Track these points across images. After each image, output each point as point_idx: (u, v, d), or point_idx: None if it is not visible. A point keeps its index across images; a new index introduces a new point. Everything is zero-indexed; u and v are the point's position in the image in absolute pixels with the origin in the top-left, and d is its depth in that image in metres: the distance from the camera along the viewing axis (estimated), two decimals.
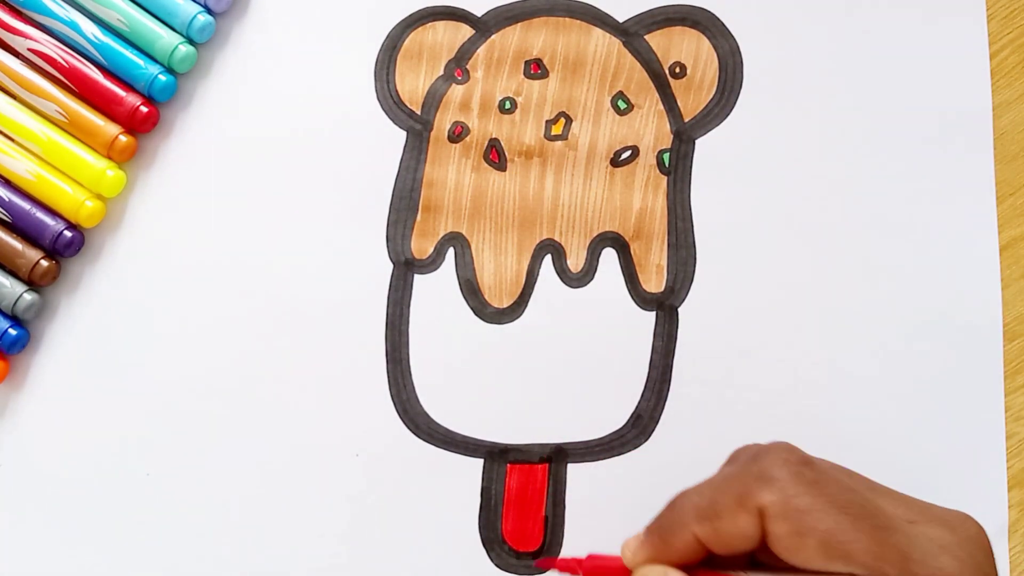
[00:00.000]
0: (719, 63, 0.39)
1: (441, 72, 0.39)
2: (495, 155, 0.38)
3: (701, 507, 0.28)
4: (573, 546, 0.36)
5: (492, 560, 0.36)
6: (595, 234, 0.38)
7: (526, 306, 0.37)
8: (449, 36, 0.39)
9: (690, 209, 0.38)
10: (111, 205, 0.38)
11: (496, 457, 0.36)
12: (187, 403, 0.37)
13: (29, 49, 0.38)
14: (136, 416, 0.37)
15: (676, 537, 0.28)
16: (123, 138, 0.37)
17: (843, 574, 0.25)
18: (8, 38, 0.38)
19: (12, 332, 0.36)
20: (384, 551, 0.36)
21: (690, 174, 0.38)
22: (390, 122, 0.39)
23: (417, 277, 0.38)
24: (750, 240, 0.37)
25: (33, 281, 0.37)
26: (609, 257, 0.38)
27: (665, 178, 0.38)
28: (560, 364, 0.37)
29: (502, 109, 0.38)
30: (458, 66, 0.39)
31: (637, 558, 0.29)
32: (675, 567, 0.28)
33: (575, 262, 0.37)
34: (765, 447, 0.28)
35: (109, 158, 0.38)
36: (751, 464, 0.27)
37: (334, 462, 0.36)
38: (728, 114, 0.38)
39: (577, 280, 0.37)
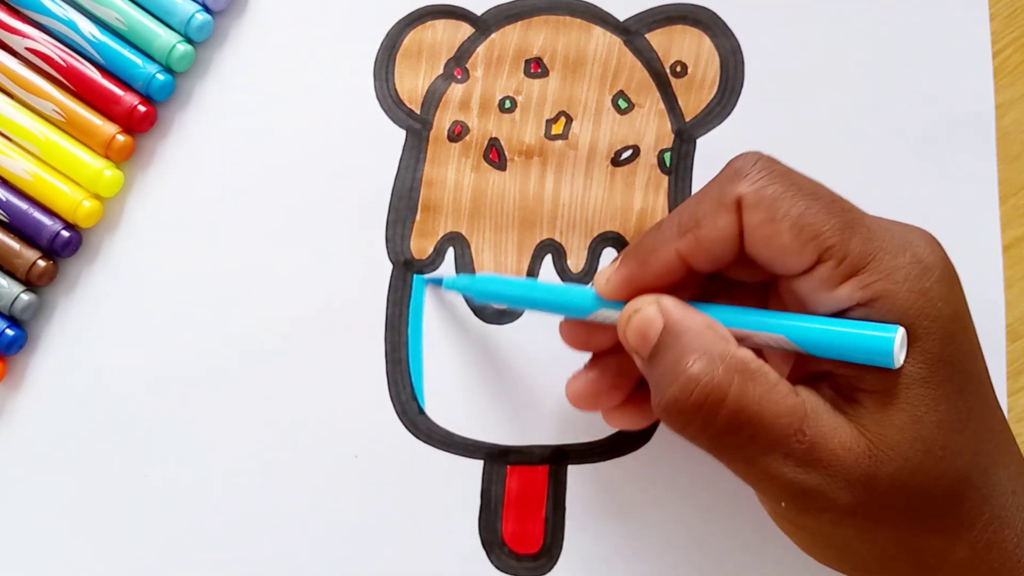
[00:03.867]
0: (720, 62, 0.38)
1: (441, 71, 0.39)
2: (495, 154, 0.38)
3: (682, 221, 0.28)
4: (573, 547, 0.36)
5: (492, 562, 0.36)
6: (596, 234, 0.37)
7: None
8: (449, 35, 0.39)
9: None
10: (109, 205, 0.38)
11: (496, 458, 0.36)
12: (185, 404, 0.37)
13: (27, 48, 0.38)
14: (133, 416, 0.37)
15: (655, 257, 0.28)
16: (121, 137, 0.37)
17: (810, 268, 0.26)
18: (6, 37, 0.38)
19: (9, 332, 0.36)
20: (384, 552, 0.36)
21: (691, 174, 0.38)
22: (389, 121, 0.38)
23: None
24: None
25: (30, 281, 0.37)
26: (610, 257, 0.37)
27: (666, 177, 0.38)
28: (560, 365, 0.37)
29: (502, 108, 0.38)
30: (458, 65, 0.39)
31: (611, 283, 0.29)
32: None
33: (575, 262, 0.37)
34: (734, 158, 0.28)
35: (107, 158, 0.37)
36: (724, 169, 0.28)
37: (333, 463, 0.36)
38: (729, 113, 0.38)
39: (577, 280, 0.37)
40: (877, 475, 0.25)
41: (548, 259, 0.37)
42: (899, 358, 0.25)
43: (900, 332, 0.25)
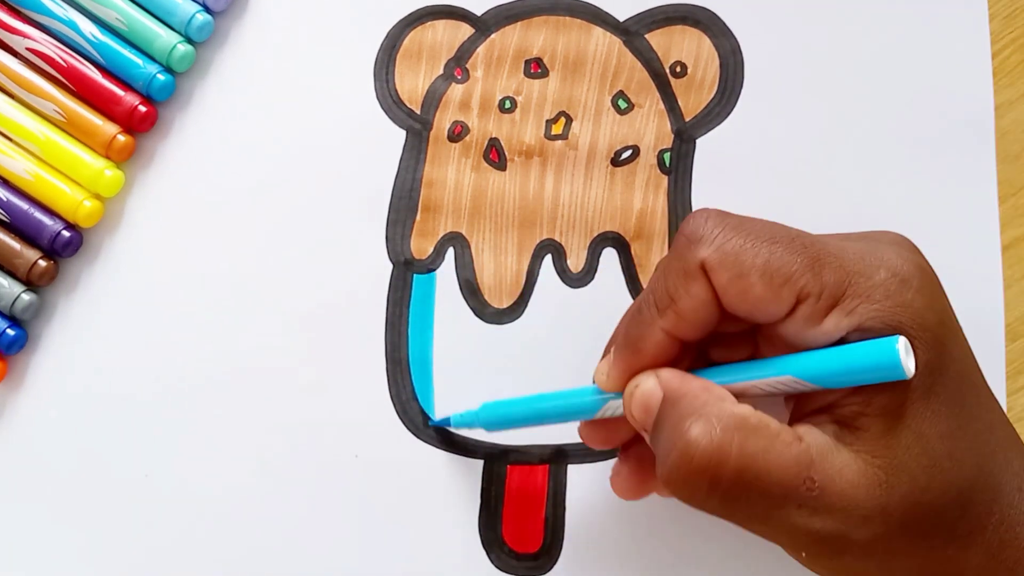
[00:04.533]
0: (720, 62, 0.38)
1: (441, 71, 0.39)
2: (495, 155, 0.38)
3: (658, 300, 0.28)
4: (573, 546, 0.36)
5: (492, 561, 0.36)
6: (595, 234, 0.38)
7: (526, 306, 0.37)
8: (449, 35, 0.39)
9: (691, 209, 0.38)
10: (109, 205, 0.38)
11: (496, 458, 0.36)
12: (186, 403, 0.37)
13: (27, 48, 0.38)
14: (134, 416, 0.37)
15: (645, 342, 0.28)
16: (121, 137, 0.37)
17: (791, 311, 0.26)
18: (6, 37, 0.38)
19: (10, 332, 0.36)
20: (384, 552, 0.36)
21: (691, 174, 0.38)
22: (389, 121, 0.38)
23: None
24: None
25: (31, 281, 0.37)
26: (609, 257, 0.37)
27: (666, 178, 0.38)
28: (560, 364, 0.37)
29: (502, 108, 0.38)
30: (458, 65, 0.39)
31: (612, 378, 0.29)
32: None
33: (575, 262, 0.37)
34: (684, 221, 0.28)
35: (107, 158, 0.38)
36: (678, 238, 0.28)
37: (334, 462, 0.36)
38: (729, 113, 0.38)
39: (577, 280, 0.37)
40: (890, 502, 0.25)
41: (548, 259, 0.37)
42: (908, 367, 0.25)
43: (902, 341, 0.25)
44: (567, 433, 0.36)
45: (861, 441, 0.26)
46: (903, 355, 0.25)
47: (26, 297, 0.37)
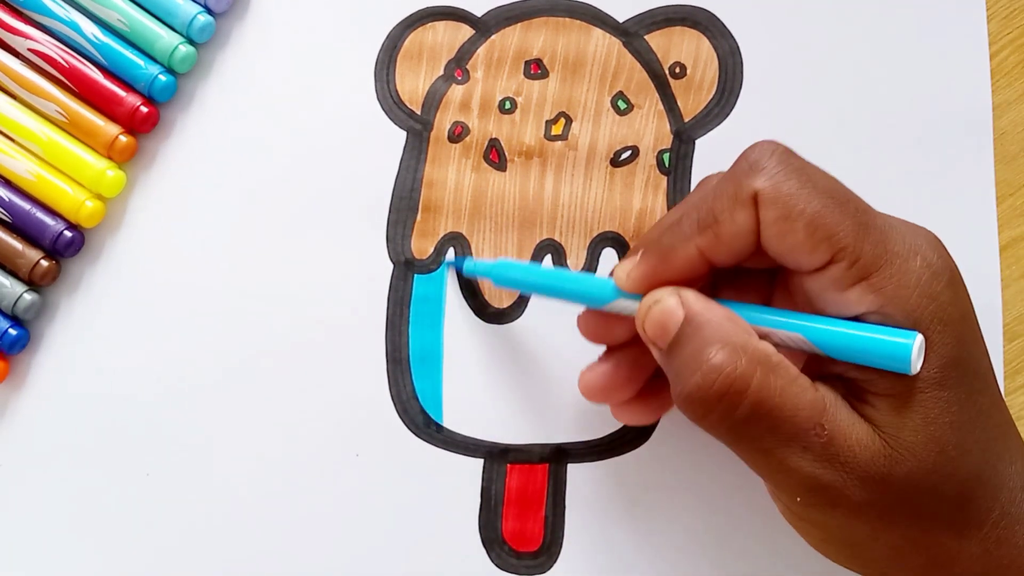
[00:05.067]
0: (719, 63, 0.39)
1: (441, 72, 0.39)
2: (495, 155, 0.38)
3: (701, 218, 0.28)
4: (573, 545, 0.36)
5: (492, 560, 0.36)
6: (595, 234, 0.38)
7: (526, 306, 0.37)
8: (449, 36, 0.39)
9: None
10: (111, 205, 0.38)
11: (496, 457, 0.36)
12: (186, 403, 0.37)
13: (29, 49, 0.38)
14: (135, 416, 0.37)
15: (676, 253, 0.28)
16: (123, 138, 0.37)
17: (822, 267, 0.26)
18: (8, 38, 0.38)
19: (12, 332, 0.36)
20: (384, 551, 0.36)
21: (690, 174, 0.38)
22: (390, 122, 0.39)
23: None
24: None
25: (33, 281, 0.37)
26: (609, 257, 0.38)
27: (665, 178, 0.38)
28: (560, 364, 0.37)
29: (502, 109, 0.38)
30: (458, 66, 0.39)
31: (632, 278, 0.29)
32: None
33: (575, 262, 0.37)
34: (749, 147, 0.28)
35: (109, 158, 0.38)
36: (740, 161, 0.28)
37: (334, 462, 0.36)
38: (728, 114, 0.38)
39: None
40: (892, 474, 0.26)
41: (548, 259, 0.38)
42: (916, 365, 0.25)
43: (919, 339, 0.25)
44: (568, 432, 0.37)
45: (869, 413, 0.26)
46: (915, 354, 0.25)
47: (28, 297, 0.37)
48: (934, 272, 0.26)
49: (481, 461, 0.36)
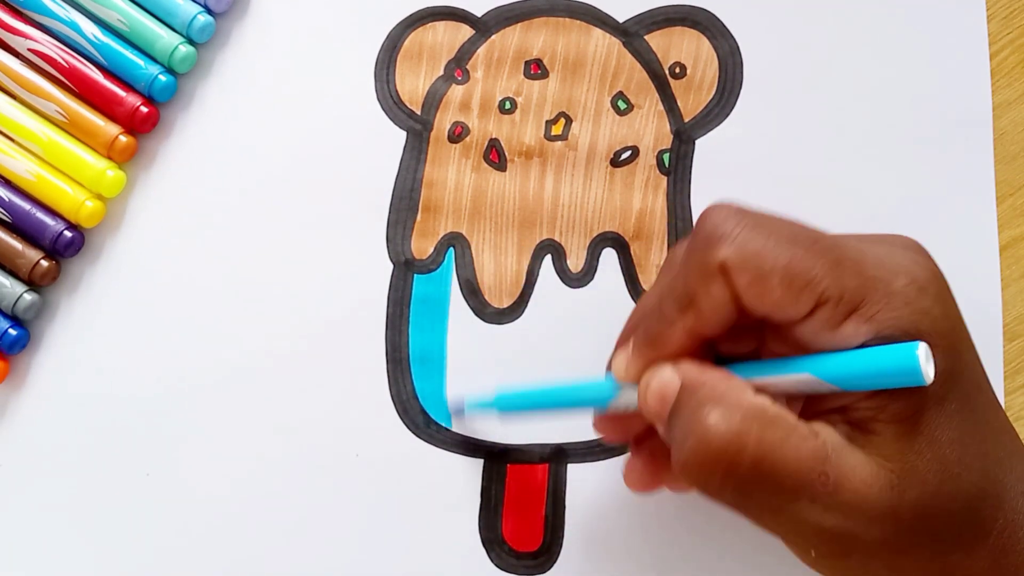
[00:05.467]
0: (719, 63, 0.39)
1: (441, 72, 0.39)
2: (495, 155, 0.38)
3: (678, 298, 0.28)
4: (573, 545, 0.36)
5: (492, 560, 0.36)
6: (595, 234, 0.38)
7: (526, 306, 0.37)
8: (449, 36, 0.39)
9: (690, 209, 0.38)
10: (111, 205, 0.38)
11: (496, 457, 0.36)
12: (187, 403, 0.37)
13: (29, 49, 0.38)
14: (135, 416, 0.37)
15: (665, 338, 0.28)
16: (123, 138, 0.38)
17: (808, 315, 0.26)
18: (8, 38, 0.38)
19: (12, 332, 0.37)
20: (384, 551, 0.36)
21: (690, 174, 0.38)
22: (390, 122, 0.39)
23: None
24: None
25: (33, 281, 0.37)
26: (609, 257, 0.38)
27: (665, 178, 0.38)
28: (560, 364, 0.37)
29: (502, 109, 0.38)
30: (458, 66, 0.39)
31: (630, 372, 0.29)
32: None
33: (575, 262, 0.38)
34: (701, 215, 0.28)
35: (109, 158, 0.38)
36: (698, 233, 0.28)
37: (334, 462, 0.36)
38: (728, 114, 0.38)
39: (577, 280, 0.37)
40: (901, 505, 0.25)
41: (548, 259, 0.38)
42: (928, 374, 0.25)
43: (923, 347, 0.25)
44: (567, 432, 0.37)
45: (873, 444, 0.26)
46: (923, 361, 0.25)
47: (28, 297, 0.37)
48: (920, 287, 0.26)
49: (481, 461, 0.36)
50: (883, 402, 0.26)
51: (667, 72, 0.39)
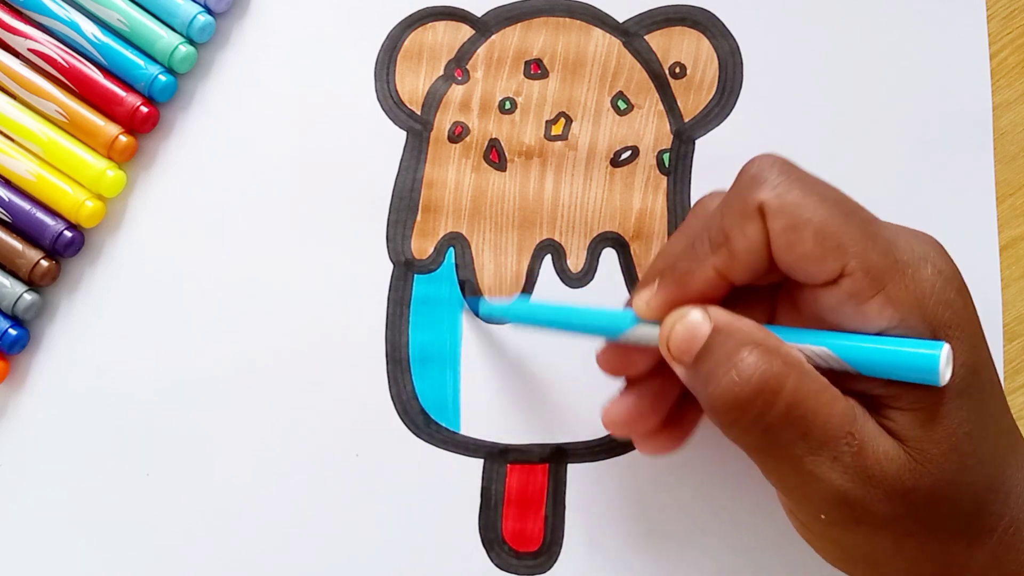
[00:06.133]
0: (719, 63, 0.39)
1: (441, 72, 0.39)
2: (495, 155, 0.38)
3: (712, 236, 0.28)
4: (573, 545, 0.36)
5: (492, 560, 0.36)
6: (595, 234, 0.38)
7: None
8: (449, 36, 0.39)
9: (690, 209, 0.38)
10: (111, 205, 0.38)
11: (496, 457, 0.36)
12: (187, 403, 0.37)
13: (29, 49, 0.38)
14: (136, 416, 0.37)
15: (694, 277, 0.28)
16: (123, 138, 0.38)
17: (835, 280, 0.26)
18: (8, 38, 0.38)
19: (12, 332, 0.37)
20: (384, 551, 0.36)
21: (690, 174, 0.38)
22: (390, 122, 0.39)
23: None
24: None
25: (33, 281, 0.37)
26: (609, 257, 0.38)
27: (665, 178, 0.38)
28: (560, 364, 0.37)
29: (502, 109, 0.38)
30: (458, 66, 0.39)
31: (652, 306, 0.29)
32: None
33: (575, 262, 0.38)
34: (748, 162, 0.28)
35: (109, 158, 0.38)
36: (741, 176, 0.28)
37: (334, 462, 0.36)
38: (728, 114, 0.38)
39: (577, 280, 0.37)
40: (916, 487, 0.25)
41: (548, 259, 0.38)
42: (945, 376, 0.25)
43: (946, 350, 0.25)
44: (567, 432, 0.37)
45: (892, 427, 0.26)
46: (943, 364, 0.25)
47: (28, 297, 0.37)
48: (945, 279, 0.26)
49: (481, 461, 0.36)
50: (899, 391, 0.26)
51: (667, 72, 0.39)
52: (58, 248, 0.37)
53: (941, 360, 0.25)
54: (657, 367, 0.31)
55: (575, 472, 0.36)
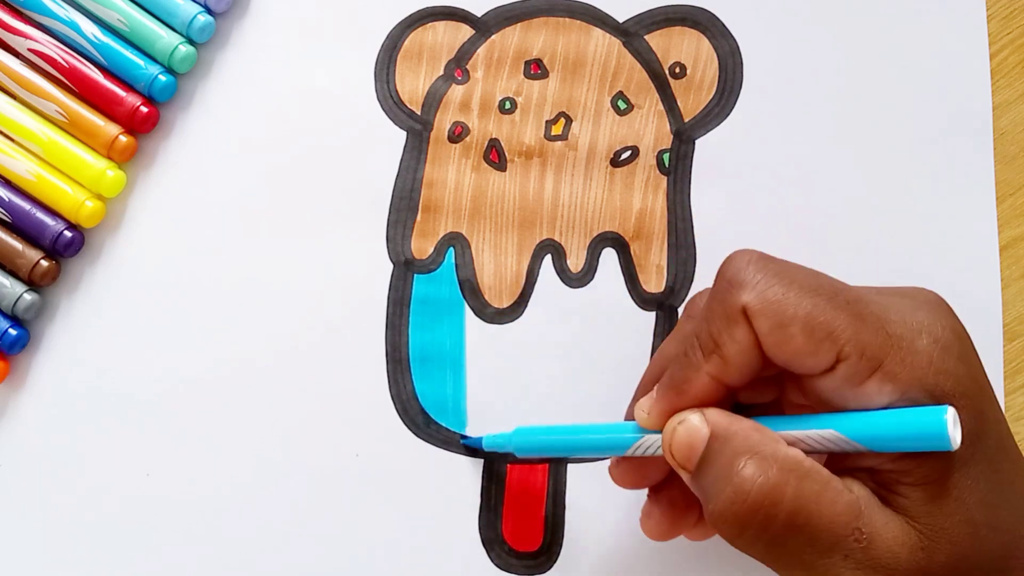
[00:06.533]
0: (719, 63, 0.39)
1: (441, 72, 0.39)
2: (495, 155, 0.38)
3: (703, 345, 0.27)
4: (573, 545, 0.36)
5: (492, 560, 0.36)
6: (595, 234, 0.38)
7: (526, 306, 0.37)
8: (449, 36, 0.39)
9: (690, 209, 0.38)
10: (111, 205, 0.38)
11: (496, 457, 0.36)
12: (187, 403, 0.37)
13: (29, 49, 0.38)
14: (136, 416, 0.37)
15: (691, 385, 0.28)
16: (123, 138, 0.38)
17: (830, 368, 0.26)
18: (8, 38, 0.38)
19: (12, 332, 0.37)
20: (384, 551, 0.36)
21: (690, 174, 0.38)
22: (390, 122, 0.39)
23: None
24: (750, 240, 0.37)
25: (33, 281, 0.37)
26: (609, 257, 0.38)
27: (665, 178, 0.38)
28: (560, 364, 0.37)
29: (502, 109, 0.38)
30: (458, 66, 0.39)
31: (653, 416, 0.29)
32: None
33: (575, 262, 0.38)
34: (724, 261, 0.28)
35: (109, 158, 0.38)
36: (719, 279, 0.28)
37: (334, 462, 0.36)
38: (728, 114, 0.38)
39: (577, 280, 0.37)
40: (931, 565, 0.25)
41: (548, 259, 0.38)
42: (955, 440, 0.25)
43: (951, 412, 0.25)
44: None
45: (900, 505, 0.26)
46: (951, 427, 0.25)
47: (28, 297, 0.37)
48: (943, 347, 0.26)
49: (481, 461, 0.36)
50: (909, 465, 0.26)
51: (667, 72, 0.39)
52: (58, 248, 0.37)
53: (948, 423, 0.25)
54: (672, 473, 0.30)
55: (575, 472, 0.36)
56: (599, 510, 0.36)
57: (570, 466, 0.36)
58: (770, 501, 0.25)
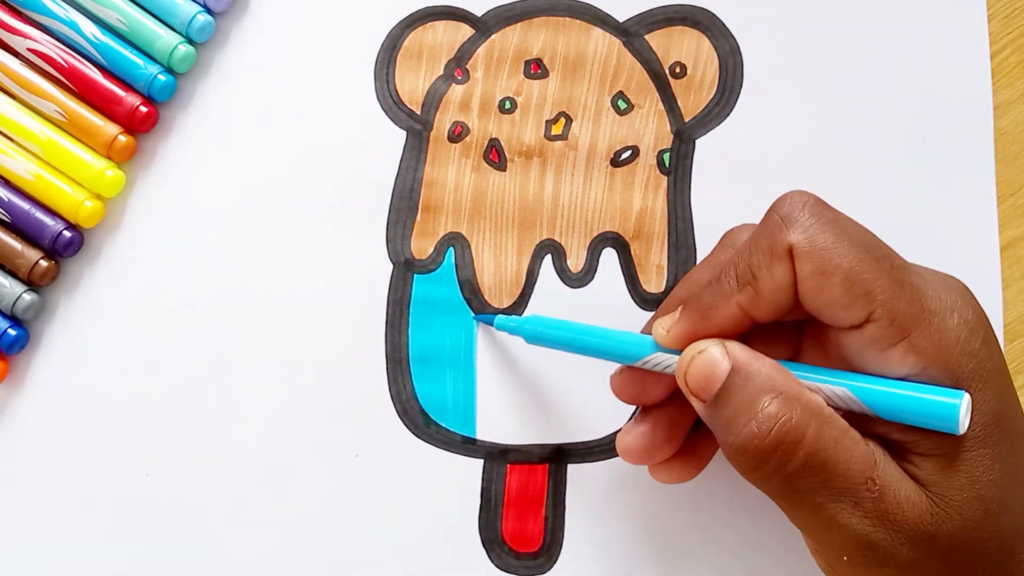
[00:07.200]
0: (719, 63, 0.38)
1: (441, 72, 0.39)
2: (495, 155, 0.38)
3: (739, 273, 0.28)
4: (573, 545, 0.36)
5: (492, 561, 0.36)
6: (595, 234, 0.38)
7: (526, 306, 0.37)
8: (449, 36, 0.39)
9: (690, 209, 0.38)
10: (110, 205, 0.38)
11: (496, 457, 0.36)
12: (187, 403, 0.37)
13: (28, 49, 0.38)
14: (136, 416, 0.37)
15: (717, 311, 0.28)
16: (122, 138, 0.37)
17: (860, 325, 0.26)
18: (7, 38, 0.38)
19: (11, 332, 0.36)
20: (384, 551, 0.36)
21: (690, 174, 0.38)
22: (390, 122, 0.39)
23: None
24: None
25: (32, 281, 0.37)
26: (609, 257, 0.38)
27: (665, 178, 0.38)
28: (560, 364, 0.37)
29: (502, 109, 0.38)
30: (458, 66, 0.39)
31: (672, 334, 0.29)
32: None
33: (575, 262, 0.37)
34: (779, 197, 0.28)
35: (108, 158, 0.38)
36: (771, 214, 0.28)
37: (334, 462, 0.36)
38: (728, 114, 0.38)
39: (577, 280, 0.37)
40: (939, 532, 0.25)
41: (548, 259, 0.38)
42: (963, 425, 0.25)
43: (966, 399, 0.25)
44: (567, 432, 0.37)
45: (912, 472, 0.26)
46: (963, 414, 0.25)
47: (27, 297, 0.37)
48: (971, 329, 0.26)
49: (481, 462, 0.36)
50: (917, 437, 0.26)
51: (667, 72, 0.39)
52: (57, 248, 0.37)
53: (961, 410, 0.25)
54: (672, 395, 0.31)
55: (575, 472, 0.36)
56: (599, 510, 0.36)
57: (570, 466, 0.36)
58: (791, 440, 0.25)
